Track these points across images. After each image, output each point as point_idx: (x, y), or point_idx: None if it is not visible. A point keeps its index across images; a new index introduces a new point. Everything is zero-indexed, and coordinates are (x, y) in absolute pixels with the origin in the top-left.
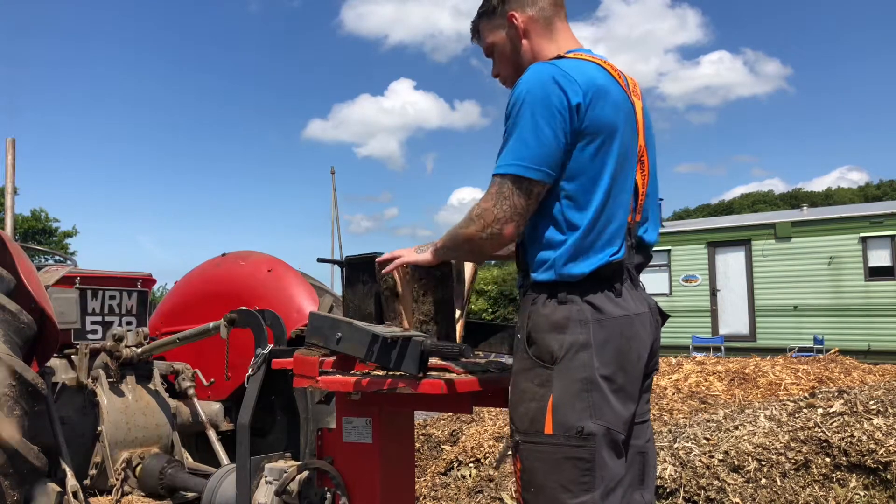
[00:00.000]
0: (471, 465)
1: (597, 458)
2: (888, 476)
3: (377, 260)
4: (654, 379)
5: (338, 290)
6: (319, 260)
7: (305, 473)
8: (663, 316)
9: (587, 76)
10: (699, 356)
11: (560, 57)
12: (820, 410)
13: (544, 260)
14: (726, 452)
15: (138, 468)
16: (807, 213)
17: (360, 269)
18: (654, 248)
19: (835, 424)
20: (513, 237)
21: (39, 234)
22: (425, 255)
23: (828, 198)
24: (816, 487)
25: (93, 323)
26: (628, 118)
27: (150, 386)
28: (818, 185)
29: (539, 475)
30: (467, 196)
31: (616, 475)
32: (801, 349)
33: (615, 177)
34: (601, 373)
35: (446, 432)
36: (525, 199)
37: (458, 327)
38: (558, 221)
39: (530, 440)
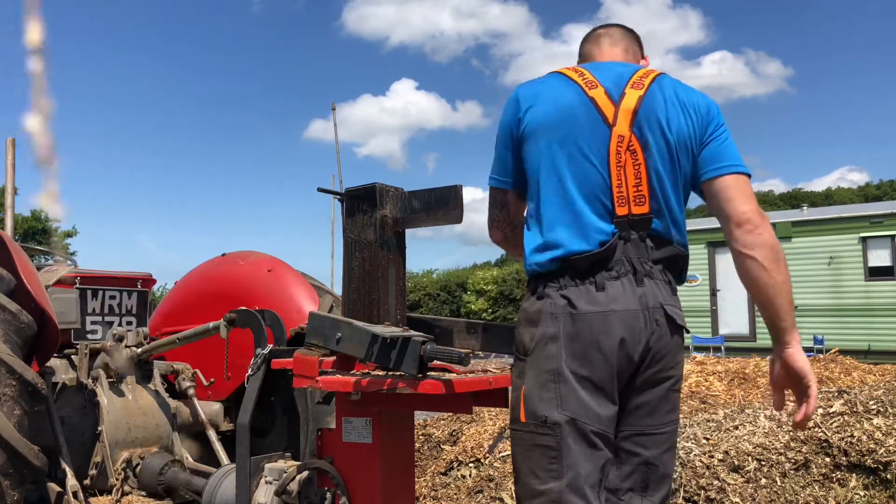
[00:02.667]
0: (471, 465)
1: (563, 448)
2: (888, 476)
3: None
4: None
5: (338, 290)
6: (320, 189)
7: (305, 473)
8: (670, 319)
9: (536, 84)
10: (699, 356)
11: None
12: (820, 410)
13: (526, 255)
14: (726, 452)
15: (138, 468)
16: (807, 213)
17: (359, 200)
18: None
19: (835, 424)
20: (498, 240)
21: (39, 234)
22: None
23: (828, 198)
24: (816, 487)
25: (93, 323)
26: (587, 112)
27: (150, 386)
28: (818, 185)
29: (517, 460)
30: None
31: (584, 467)
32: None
33: (563, 165)
34: (569, 365)
35: (446, 432)
36: (490, 206)
37: None
38: (529, 217)
39: (512, 427)
